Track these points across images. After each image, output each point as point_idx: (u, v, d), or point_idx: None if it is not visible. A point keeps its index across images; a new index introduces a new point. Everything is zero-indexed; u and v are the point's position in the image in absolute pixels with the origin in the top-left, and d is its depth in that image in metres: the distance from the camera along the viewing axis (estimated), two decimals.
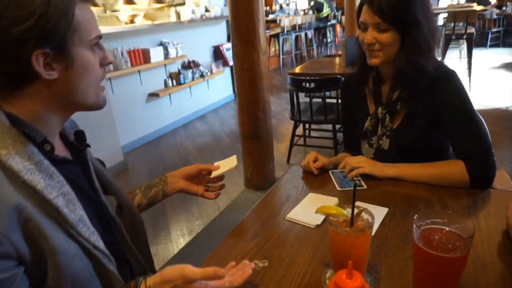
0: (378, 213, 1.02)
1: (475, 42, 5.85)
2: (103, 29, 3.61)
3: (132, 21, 4.80)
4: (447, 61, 5.64)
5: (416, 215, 0.66)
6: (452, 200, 1.07)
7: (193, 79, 4.73)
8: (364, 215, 0.74)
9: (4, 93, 0.65)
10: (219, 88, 5.47)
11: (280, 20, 7.61)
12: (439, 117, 1.18)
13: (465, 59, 5.67)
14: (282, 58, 7.88)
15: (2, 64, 0.61)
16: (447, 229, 0.66)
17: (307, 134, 3.84)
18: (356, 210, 0.74)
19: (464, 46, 5.55)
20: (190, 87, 4.83)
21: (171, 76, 4.49)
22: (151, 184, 1.08)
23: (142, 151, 4.04)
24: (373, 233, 0.92)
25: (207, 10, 5.38)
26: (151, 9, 5.59)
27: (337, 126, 3.32)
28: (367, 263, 0.76)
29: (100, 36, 0.71)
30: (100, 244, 0.69)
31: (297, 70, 3.45)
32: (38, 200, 0.61)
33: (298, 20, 8.01)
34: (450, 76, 1.17)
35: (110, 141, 3.41)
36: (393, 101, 1.24)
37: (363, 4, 1.16)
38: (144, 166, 3.67)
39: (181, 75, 4.53)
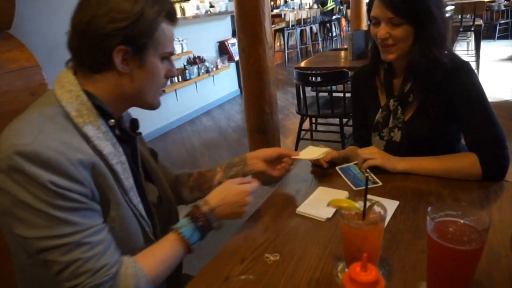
0: (389, 206, 1.00)
1: (483, 34, 5.78)
2: None
3: None
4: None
5: (429, 207, 0.65)
6: (463, 194, 1.06)
7: (198, 74, 4.73)
8: (376, 208, 0.74)
9: (86, 74, 0.79)
10: (224, 83, 5.46)
11: (285, 15, 7.56)
12: (452, 108, 1.16)
13: (473, 52, 5.60)
14: (288, 53, 7.84)
15: (92, 51, 0.76)
16: (462, 221, 0.66)
17: (313, 128, 3.82)
18: (368, 203, 0.74)
19: (472, 38, 5.48)
20: (196, 82, 4.83)
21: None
22: (231, 164, 1.18)
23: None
24: (384, 226, 0.92)
25: (211, 6, 5.36)
26: None
27: (344, 120, 3.31)
28: (379, 256, 0.76)
29: (172, 53, 0.85)
30: (144, 214, 0.83)
31: (303, 64, 3.44)
32: (105, 162, 0.75)
33: (303, 15, 7.95)
34: (464, 68, 1.15)
35: None
36: (405, 93, 1.23)
37: (374, 0, 1.14)
38: None
39: (187, 71, 4.53)
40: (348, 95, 3.15)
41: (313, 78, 2.96)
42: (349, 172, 1.22)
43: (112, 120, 0.82)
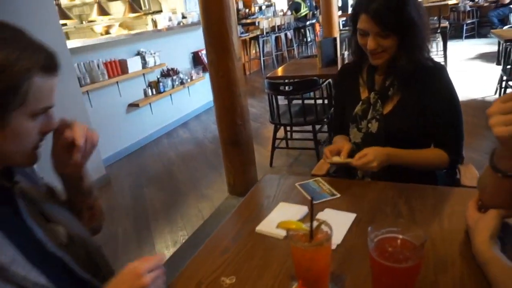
0: (346, 219, 1.03)
1: (451, 34, 5.97)
2: (78, 42, 3.57)
3: (107, 32, 4.76)
4: None
5: (369, 228, 0.67)
6: (418, 201, 1.09)
7: (173, 86, 4.71)
8: (324, 227, 0.75)
9: None
10: (200, 94, 5.45)
11: (259, 22, 7.63)
12: (426, 106, 1.27)
13: (441, 52, 5.77)
14: (263, 60, 7.90)
15: None
16: (401, 237, 0.67)
17: (289, 136, 3.85)
18: (316, 223, 0.75)
19: (440, 39, 5.65)
20: (170, 95, 4.81)
21: (150, 85, 4.46)
22: None
23: (125, 162, 4.00)
24: (340, 241, 0.94)
25: (184, 17, 5.36)
26: (128, 18, 5.55)
27: (317, 127, 3.35)
28: (330, 273, 0.77)
29: (50, 107, 0.72)
30: (41, 280, 0.68)
31: (276, 73, 3.47)
32: None
33: (277, 21, 8.05)
34: (441, 69, 1.28)
35: None
36: (386, 87, 1.31)
37: (361, 13, 1.21)
38: (127, 178, 3.63)
39: (161, 84, 4.51)
40: (319, 102, 3.20)
41: (285, 87, 2.99)
42: (308, 187, 1.24)
43: None
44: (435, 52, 6.40)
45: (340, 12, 5.31)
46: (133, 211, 2.99)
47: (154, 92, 4.46)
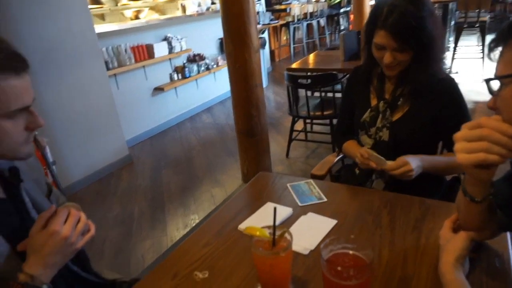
0: (326, 225, 1.06)
1: (495, 28, 5.60)
2: (106, 26, 3.69)
3: (137, 17, 4.87)
4: (460, 50, 5.45)
5: (322, 244, 0.70)
6: (402, 212, 1.09)
7: (198, 72, 4.79)
8: (288, 236, 0.79)
9: None
10: (225, 80, 5.47)
11: (290, 9, 7.51)
12: (437, 116, 1.27)
13: (480, 48, 5.46)
14: (294, 47, 7.81)
15: None
16: (351, 253, 0.70)
17: (308, 128, 3.84)
18: (280, 232, 0.78)
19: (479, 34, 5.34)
20: (196, 80, 4.90)
21: (176, 70, 4.56)
22: None
23: (148, 144, 4.16)
24: (314, 247, 0.97)
25: (213, 3, 5.38)
26: (160, 2, 5.64)
27: (335, 121, 3.32)
28: (290, 279, 0.81)
29: (26, 106, 0.73)
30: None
31: (295, 65, 3.45)
32: None
33: (310, 8, 7.88)
34: (451, 81, 1.28)
35: (114, 136, 3.53)
36: (395, 97, 1.32)
37: (378, 27, 1.20)
38: (148, 160, 3.78)
39: (186, 69, 4.59)
40: (338, 95, 3.17)
41: (306, 80, 2.98)
42: (298, 189, 1.26)
43: None
44: (474, 47, 6.06)
45: (373, 2, 5.12)
46: (151, 192, 3.13)
47: (180, 77, 4.56)
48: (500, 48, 0.65)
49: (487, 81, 0.66)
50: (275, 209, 0.77)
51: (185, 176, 3.34)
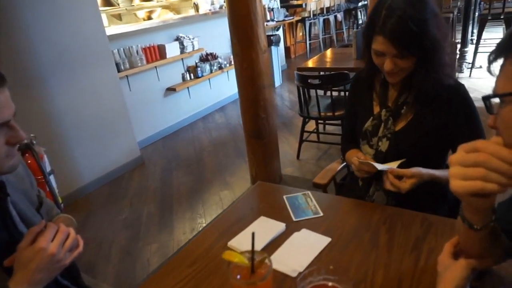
0: (319, 244, 1.00)
1: None
2: (117, 28, 3.71)
3: (149, 17, 4.88)
4: (484, 42, 5.19)
5: (299, 277, 0.65)
6: (402, 229, 1.03)
7: (211, 71, 4.76)
8: (268, 261, 0.74)
9: None
10: None
11: (306, 4, 7.37)
12: (444, 125, 1.18)
13: None
14: (310, 44, 7.68)
15: None
16: (330, 284, 0.64)
17: (321, 129, 3.75)
18: (259, 257, 0.74)
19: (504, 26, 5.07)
20: (209, 79, 4.88)
21: (188, 70, 4.55)
22: None
23: (160, 145, 4.17)
24: (303, 268, 0.92)
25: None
26: (175, 1, 5.64)
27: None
28: None
29: (6, 121, 0.73)
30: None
31: (308, 64, 3.37)
32: None
33: (326, 3, 7.71)
34: (459, 87, 1.18)
35: (126, 137, 3.55)
36: (399, 105, 1.24)
37: (376, 33, 1.11)
38: (160, 161, 3.79)
39: (198, 69, 4.58)
40: None
41: (318, 80, 2.90)
42: (294, 202, 1.21)
43: None
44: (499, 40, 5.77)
45: None
46: (160, 194, 3.13)
47: (192, 77, 4.55)
48: (500, 61, 0.58)
49: (485, 99, 0.58)
50: (253, 234, 0.72)
51: (195, 177, 3.33)
